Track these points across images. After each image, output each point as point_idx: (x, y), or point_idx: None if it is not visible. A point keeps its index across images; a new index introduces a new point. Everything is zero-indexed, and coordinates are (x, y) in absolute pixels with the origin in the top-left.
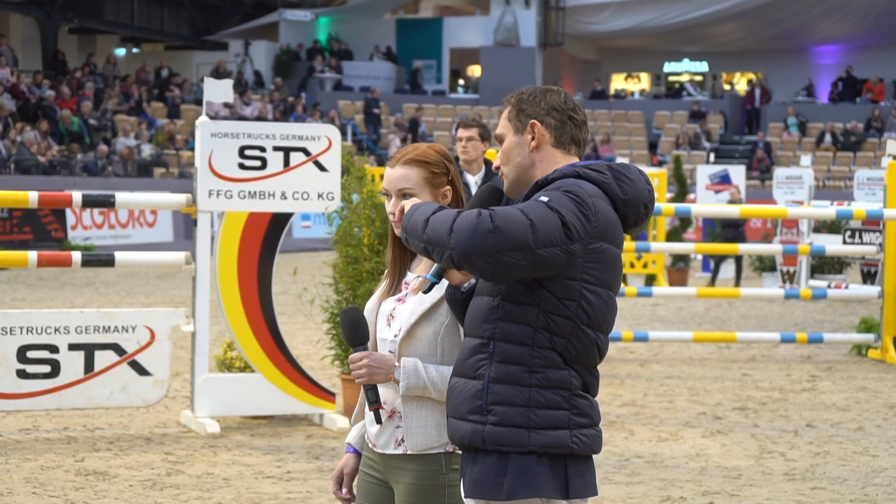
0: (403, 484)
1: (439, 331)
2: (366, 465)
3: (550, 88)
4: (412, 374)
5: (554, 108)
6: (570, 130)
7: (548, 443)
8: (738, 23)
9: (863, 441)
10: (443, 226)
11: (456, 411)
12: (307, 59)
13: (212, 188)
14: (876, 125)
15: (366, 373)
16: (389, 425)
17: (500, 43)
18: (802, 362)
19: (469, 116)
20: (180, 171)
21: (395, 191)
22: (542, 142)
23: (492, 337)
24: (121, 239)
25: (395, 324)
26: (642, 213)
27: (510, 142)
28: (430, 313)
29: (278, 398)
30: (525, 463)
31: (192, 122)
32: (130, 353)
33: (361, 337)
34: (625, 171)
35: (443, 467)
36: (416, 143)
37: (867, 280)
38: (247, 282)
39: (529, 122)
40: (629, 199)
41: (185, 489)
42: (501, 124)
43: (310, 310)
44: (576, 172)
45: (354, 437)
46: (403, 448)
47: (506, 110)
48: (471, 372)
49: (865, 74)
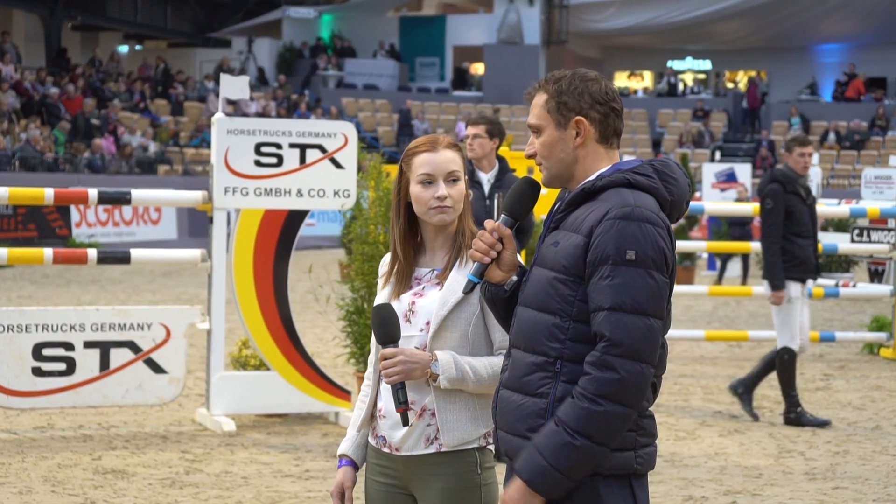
0: (434, 489)
1: (470, 321)
2: (377, 472)
3: (587, 75)
4: (450, 367)
5: (597, 101)
6: (613, 122)
7: (614, 465)
8: (741, 21)
9: (881, 440)
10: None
11: (513, 427)
12: (310, 57)
13: (228, 185)
14: (880, 123)
15: (402, 370)
16: (419, 424)
17: (504, 41)
18: (815, 361)
19: (481, 114)
20: (184, 168)
21: (444, 174)
22: (588, 138)
23: (560, 356)
24: (125, 236)
25: (418, 318)
26: (684, 209)
27: (551, 136)
28: (461, 304)
29: (294, 396)
30: (592, 485)
31: (196, 120)
32: (146, 350)
33: (393, 334)
34: (669, 171)
35: (477, 465)
36: (444, 135)
37: (874, 278)
38: (262, 279)
39: (574, 119)
40: (675, 199)
41: (204, 488)
42: (537, 114)
43: (324, 307)
44: (625, 180)
45: (349, 447)
46: (437, 446)
47: (541, 98)
48: (531, 389)
49: (869, 73)
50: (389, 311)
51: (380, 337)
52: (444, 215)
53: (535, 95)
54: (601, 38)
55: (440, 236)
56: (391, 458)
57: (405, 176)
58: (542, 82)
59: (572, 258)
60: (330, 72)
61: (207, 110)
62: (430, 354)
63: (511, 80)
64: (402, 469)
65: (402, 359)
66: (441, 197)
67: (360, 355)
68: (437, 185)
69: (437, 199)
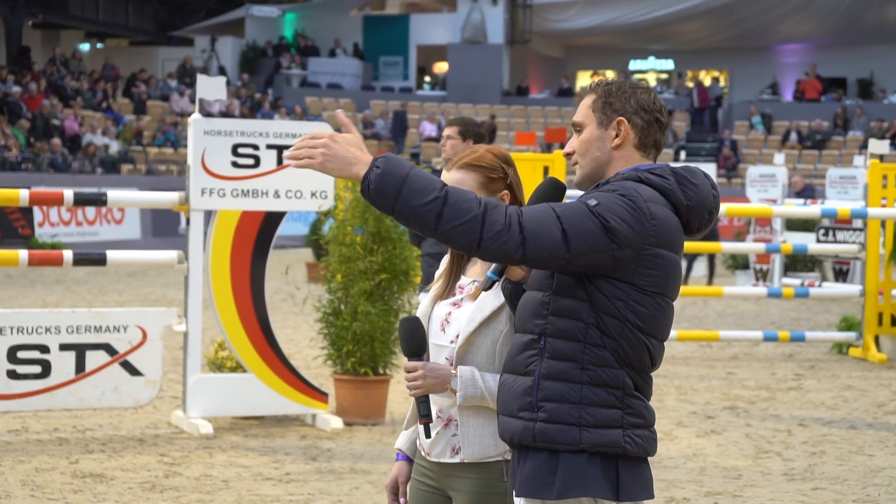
0: (464, 492)
1: (498, 339)
2: (419, 473)
3: (639, 85)
4: (470, 383)
5: (643, 108)
6: (655, 133)
7: (599, 441)
8: (703, 21)
9: (856, 440)
10: (467, 209)
11: (506, 408)
12: (273, 56)
13: (205, 186)
14: (841, 123)
15: (422, 384)
16: (445, 433)
17: (468, 40)
18: (785, 361)
19: (461, 115)
20: (148, 168)
21: None
22: (626, 141)
23: (543, 333)
24: (88, 236)
25: (451, 329)
26: (706, 218)
27: (591, 134)
28: (489, 321)
29: (271, 398)
30: (576, 462)
31: (159, 119)
32: (122, 353)
33: (419, 348)
34: (690, 175)
35: (503, 475)
36: (475, 147)
37: (839, 278)
38: (239, 281)
39: (616, 119)
40: (693, 205)
41: (185, 491)
42: (583, 112)
43: (300, 308)
44: (637, 176)
45: (405, 442)
46: (461, 457)
47: (589, 98)
48: (521, 368)
49: (829, 73)
50: (416, 324)
51: (405, 349)
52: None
53: (585, 97)
54: (564, 38)
55: None
56: (428, 462)
57: None
58: (594, 84)
59: None
60: (293, 71)
61: (170, 109)
62: (450, 370)
63: (475, 79)
64: (436, 472)
65: (423, 373)
66: None
67: (336, 357)
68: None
69: None
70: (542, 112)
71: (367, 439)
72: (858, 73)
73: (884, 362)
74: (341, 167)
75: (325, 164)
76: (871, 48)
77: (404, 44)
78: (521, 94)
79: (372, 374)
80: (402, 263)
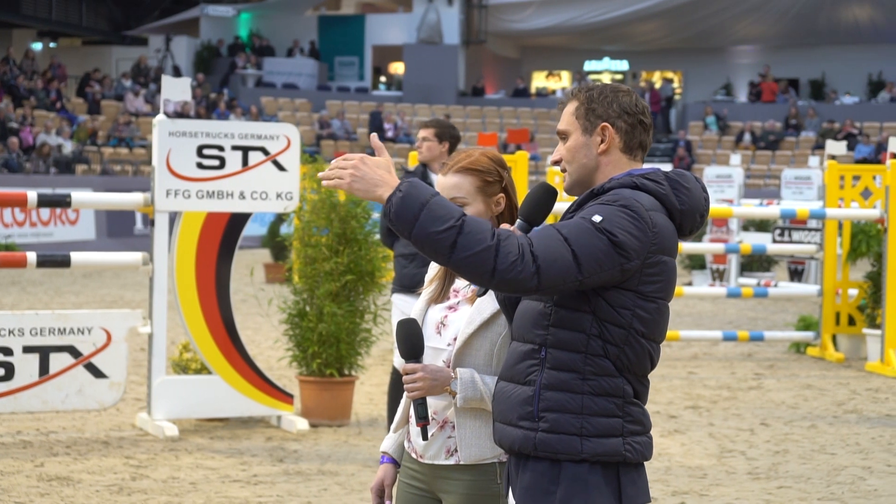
0: (456, 494)
1: (496, 342)
2: (407, 475)
3: (620, 88)
4: (469, 385)
5: (626, 111)
6: (640, 135)
7: (601, 451)
8: (658, 22)
9: (818, 439)
10: (481, 240)
11: (504, 416)
12: (229, 56)
13: (170, 188)
14: (794, 123)
15: (422, 386)
16: (440, 436)
17: (424, 40)
18: (744, 360)
19: (435, 117)
20: (102, 168)
21: (448, 199)
22: (612, 145)
23: (543, 343)
24: (42, 237)
25: (448, 332)
26: (698, 221)
27: (577, 141)
28: (487, 324)
29: (236, 400)
30: (578, 471)
31: (114, 118)
32: (86, 355)
33: (417, 350)
34: (682, 180)
35: (497, 476)
36: (470, 150)
37: (794, 277)
38: (205, 283)
39: (600, 125)
40: (686, 209)
41: (153, 494)
42: (567, 120)
43: (264, 309)
44: (633, 183)
45: (391, 445)
46: (456, 458)
47: (571, 105)
48: (520, 377)
49: (782, 74)
50: (413, 327)
51: (403, 352)
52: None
53: (567, 104)
54: (520, 39)
55: None
56: (418, 464)
57: None
58: (576, 91)
59: None
60: (249, 71)
61: (125, 109)
62: (450, 372)
63: (431, 79)
64: (427, 474)
65: (423, 375)
66: None
67: (302, 358)
68: None
69: None
70: (498, 112)
71: (334, 440)
72: (811, 74)
73: (841, 361)
74: (367, 189)
75: (352, 185)
76: (823, 50)
77: (360, 44)
78: (477, 94)
79: (338, 375)
80: (367, 265)
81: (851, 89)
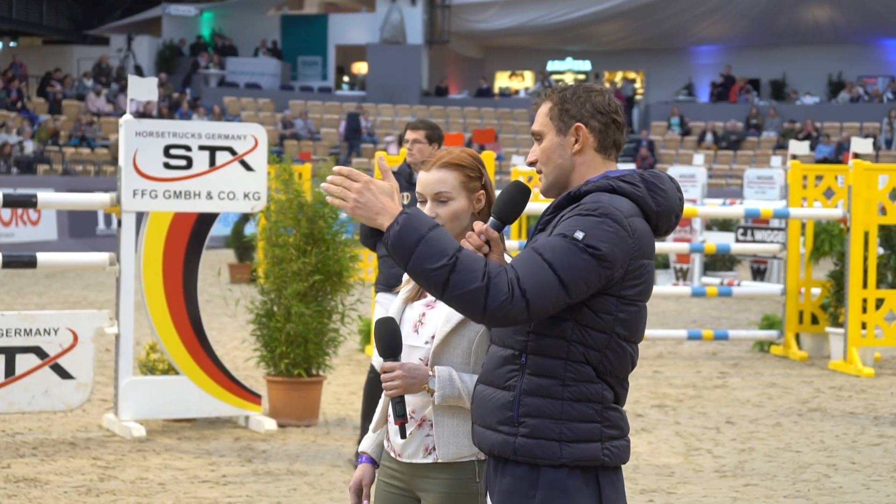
0: (435, 493)
1: (474, 339)
2: (386, 475)
3: (593, 87)
4: (447, 383)
5: (599, 111)
6: (613, 134)
7: (580, 456)
8: (620, 22)
9: (783, 437)
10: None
11: (484, 420)
12: (191, 55)
13: (136, 188)
14: (755, 123)
15: (400, 384)
16: (419, 434)
17: (387, 40)
18: (709, 359)
19: (419, 117)
20: (64, 168)
21: (431, 195)
22: (586, 145)
23: (524, 349)
24: (4, 237)
25: (425, 330)
26: (673, 221)
27: (551, 142)
28: (465, 322)
29: (204, 400)
30: (557, 476)
31: (75, 118)
32: (53, 356)
33: (396, 348)
34: (658, 181)
35: (476, 475)
36: (450, 147)
37: (756, 276)
38: (172, 283)
39: (574, 125)
40: (662, 210)
41: (121, 495)
42: (540, 121)
43: (232, 310)
44: (609, 186)
45: (369, 445)
46: (434, 456)
47: (545, 106)
48: (500, 382)
49: (744, 74)
50: (392, 326)
51: (381, 350)
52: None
53: (541, 105)
54: (483, 39)
55: None
56: (397, 462)
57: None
58: (549, 91)
59: None
60: (211, 70)
61: (86, 109)
62: (428, 370)
63: (394, 79)
64: (406, 473)
65: (401, 374)
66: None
67: (269, 358)
68: (425, 206)
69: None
70: (462, 112)
71: (302, 440)
72: (771, 74)
73: (805, 360)
74: (369, 216)
75: (354, 210)
76: (783, 50)
77: (323, 43)
78: (441, 94)
79: (305, 375)
80: (335, 265)
81: (812, 89)
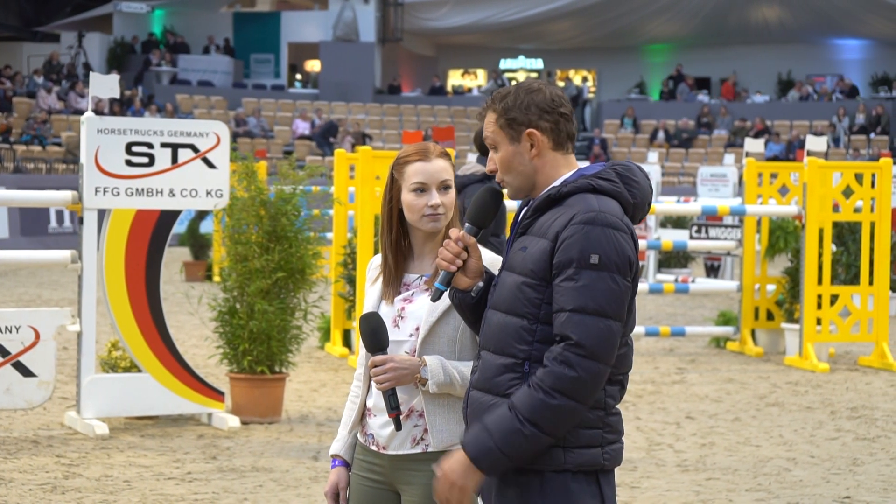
0: (419, 485)
1: (458, 327)
2: (363, 469)
3: (531, 86)
4: (439, 371)
5: (545, 111)
6: (565, 128)
7: (582, 461)
8: (572, 21)
9: (743, 432)
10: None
11: None
12: (142, 52)
13: (98, 185)
14: (706, 121)
15: (392, 376)
16: (406, 425)
17: (340, 38)
18: (666, 355)
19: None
20: (15, 166)
21: (437, 183)
22: (542, 148)
23: (528, 358)
24: None
25: (407, 324)
26: (646, 210)
27: (507, 151)
28: (450, 310)
29: (167, 398)
30: (561, 481)
31: (26, 116)
32: (14, 353)
33: (382, 342)
34: (631, 174)
35: None
36: (425, 142)
37: (710, 273)
38: (134, 281)
39: (525, 131)
40: (638, 202)
41: (87, 492)
42: (490, 130)
43: (193, 308)
44: (590, 186)
45: (341, 448)
46: (423, 446)
47: (491, 117)
48: (500, 389)
49: (694, 73)
50: (378, 320)
51: (369, 345)
52: (436, 223)
53: (486, 115)
54: (435, 37)
55: (429, 243)
56: (378, 456)
57: (397, 183)
58: (490, 101)
59: (539, 262)
60: (163, 68)
61: (37, 106)
62: (419, 360)
63: (347, 77)
64: (387, 466)
65: (393, 365)
66: (434, 205)
67: (232, 356)
68: (429, 194)
69: (431, 208)
70: (415, 111)
71: (265, 438)
72: (722, 73)
73: (760, 355)
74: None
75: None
76: (734, 49)
77: (276, 41)
78: (394, 92)
79: (268, 372)
80: (298, 262)
81: (762, 88)
